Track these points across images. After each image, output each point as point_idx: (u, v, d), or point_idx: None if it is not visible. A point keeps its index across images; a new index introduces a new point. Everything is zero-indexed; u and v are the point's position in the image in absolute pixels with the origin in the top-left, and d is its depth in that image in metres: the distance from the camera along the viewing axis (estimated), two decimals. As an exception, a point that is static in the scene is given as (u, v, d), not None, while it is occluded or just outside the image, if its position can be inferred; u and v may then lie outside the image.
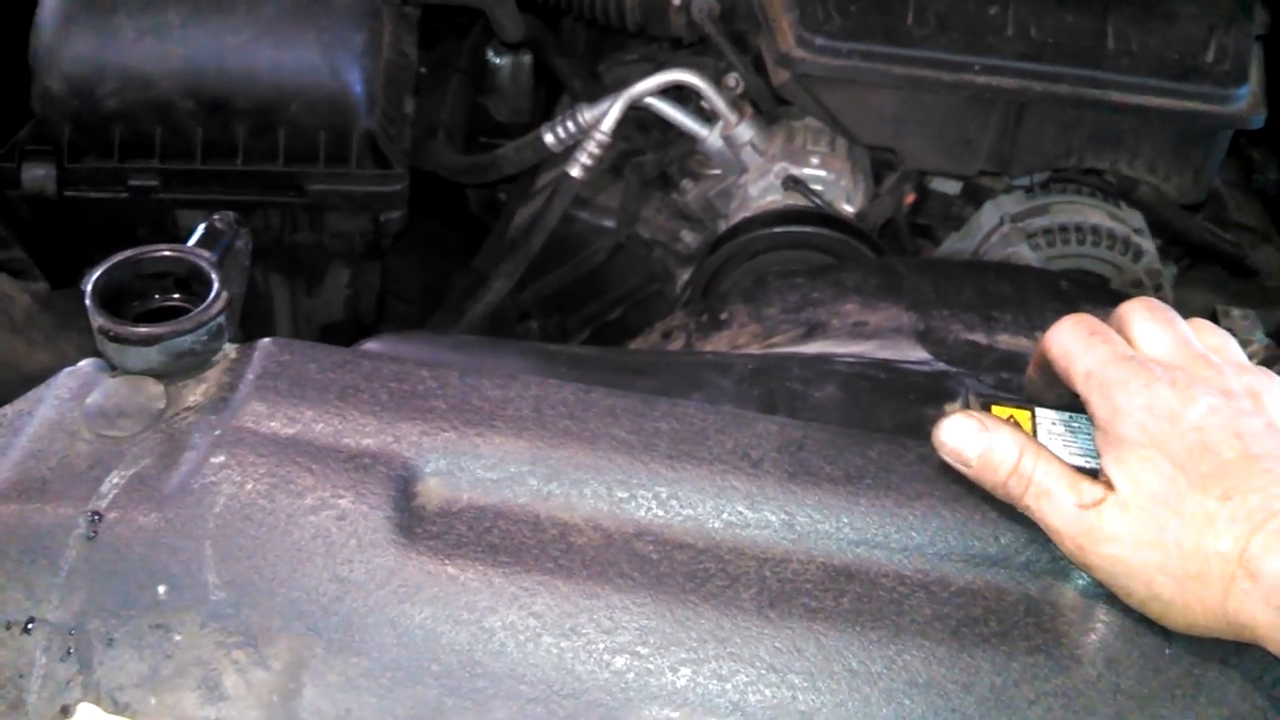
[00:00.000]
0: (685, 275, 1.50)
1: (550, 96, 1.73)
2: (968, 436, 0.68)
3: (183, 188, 1.22)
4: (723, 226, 1.43)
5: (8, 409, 0.74)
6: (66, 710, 0.63)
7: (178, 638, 0.64)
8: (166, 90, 1.17)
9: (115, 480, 0.68)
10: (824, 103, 1.29)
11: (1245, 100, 1.26)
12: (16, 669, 0.64)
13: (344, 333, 1.43)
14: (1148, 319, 0.71)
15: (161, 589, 0.65)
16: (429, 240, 1.77)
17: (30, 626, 0.64)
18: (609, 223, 1.52)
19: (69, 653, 0.64)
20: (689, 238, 1.52)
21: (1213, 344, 0.72)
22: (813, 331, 1.01)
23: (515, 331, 1.61)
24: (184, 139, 1.20)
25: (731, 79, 1.44)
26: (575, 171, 1.42)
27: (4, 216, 1.26)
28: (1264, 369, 0.70)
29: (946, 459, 0.69)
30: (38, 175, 1.18)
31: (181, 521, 0.66)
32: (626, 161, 1.53)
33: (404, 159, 1.27)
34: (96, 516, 0.66)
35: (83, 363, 0.75)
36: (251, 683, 0.63)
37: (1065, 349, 0.70)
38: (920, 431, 0.79)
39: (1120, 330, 0.72)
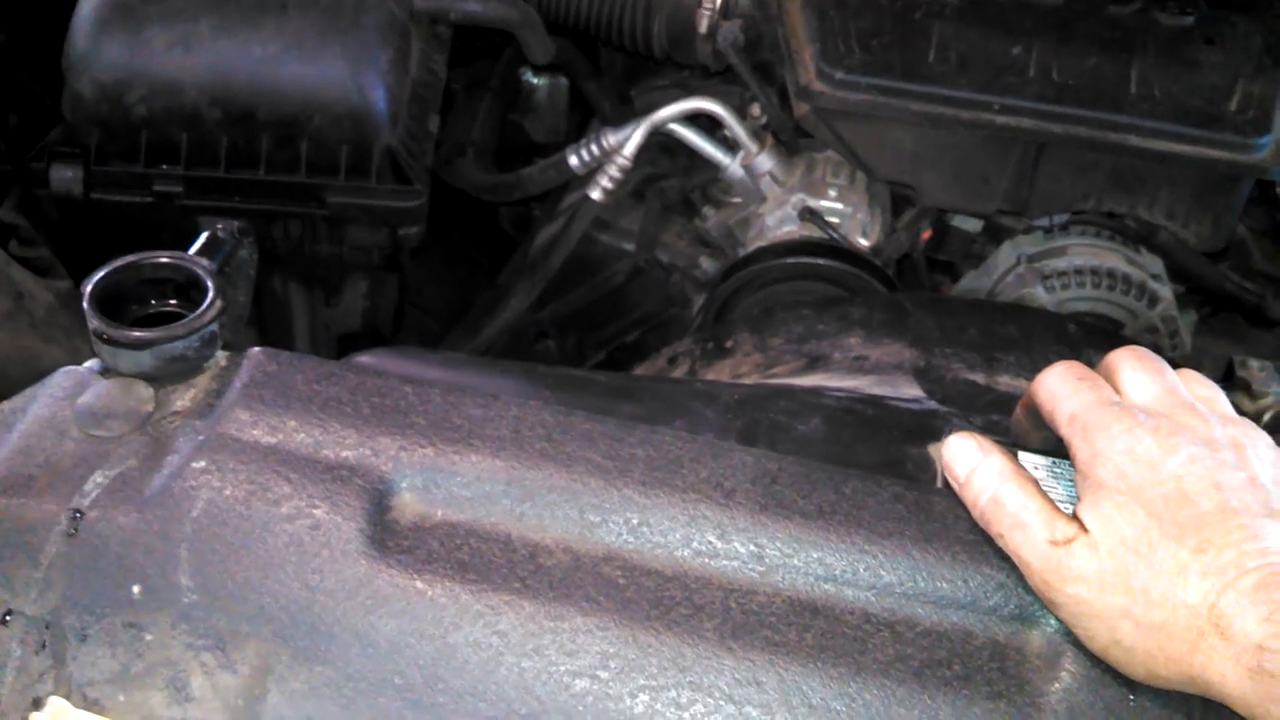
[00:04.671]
0: (702, 301, 1.50)
1: (585, 118, 1.75)
2: (963, 455, 0.70)
3: (206, 195, 1.23)
4: (741, 255, 1.44)
5: (4, 405, 0.76)
6: (38, 702, 0.64)
7: (149, 637, 0.65)
8: (193, 99, 1.19)
9: (99, 480, 0.69)
10: (842, 136, 1.30)
11: (1268, 149, 1.25)
12: (-7, 659, 0.65)
13: (361, 343, 1.44)
14: (1136, 366, 0.71)
15: (136, 588, 0.66)
16: (457, 256, 1.79)
17: (7, 618, 0.65)
18: (629, 246, 1.53)
19: (43, 646, 0.65)
20: (708, 264, 1.52)
21: (1201, 394, 0.71)
22: (814, 364, 1.01)
23: (533, 350, 1.62)
24: (209, 147, 1.22)
25: (756, 109, 1.45)
26: (595, 194, 1.43)
27: (32, 215, 1.29)
28: (1249, 422, 0.70)
29: (945, 472, 0.71)
30: (65, 177, 1.21)
31: (159, 523, 0.67)
32: (649, 185, 1.54)
33: (425, 176, 1.29)
34: (78, 514, 0.67)
35: (83, 365, 0.77)
36: (218, 685, 0.64)
37: (1052, 392, 0.71)
38: (900, 470, 0.79)
39: (1109, 377, 0.72)
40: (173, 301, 0.78)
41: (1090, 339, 1.06)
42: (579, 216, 1.44)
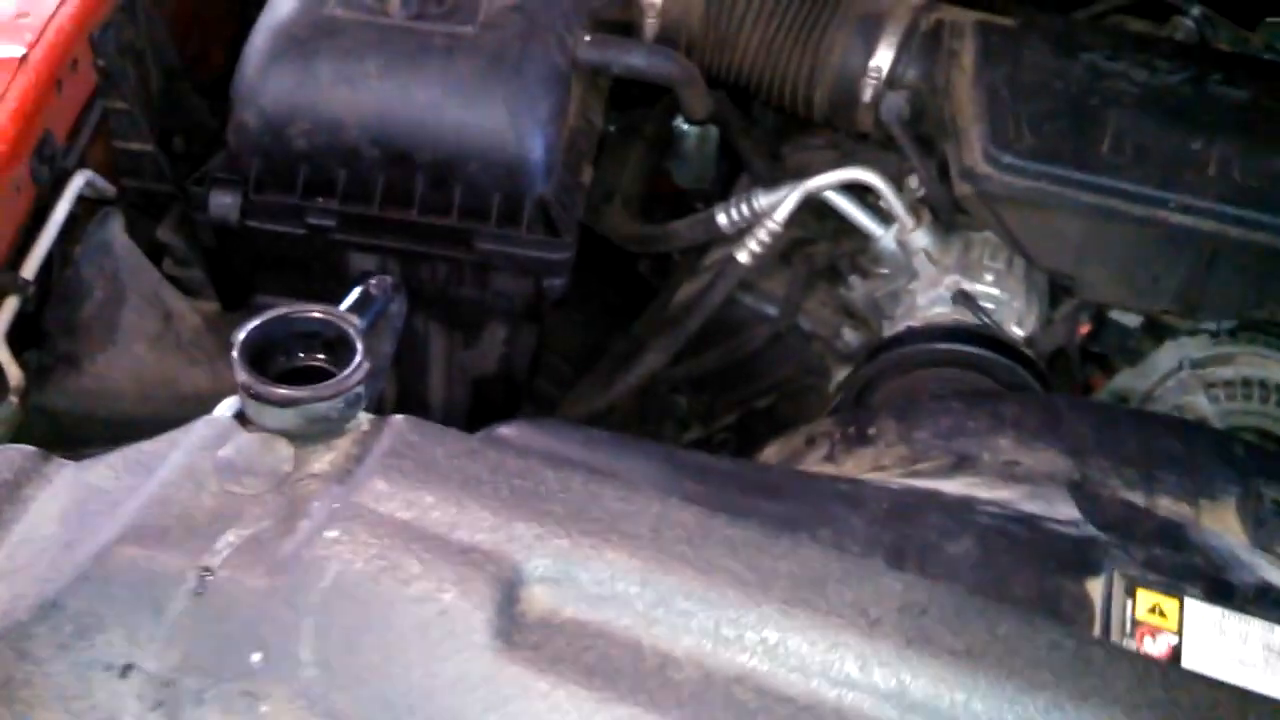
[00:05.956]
0: (841, 373, 1.46)
1: (733, 168, 1.72)
2: None
3: (357, 231, 1.23)
4: (886, 328, 1.39)
5: (145, 445, 0.76)
6: (150, 760, 0.64)
7: (264, 708, 0.64)
8: (354, 136, 1.20)
9: (231, 539, 0.69)
10: (1005, 221, 1.25)
11: None
12: (109, 712, 0.64)
13: (495, 388, 1.43)
14: None
15: (257, 656, 0.65)
16: (593, 299, 1.78)
17: (127, 672, 0.65)
18: (770, 309, 1.50)
19: (160, 704, 0.64)
20: (850, 335, 1.48)
21: None
22: (961, 464, 0.97)
23: (663, 405, 1.60)
24: (365, 184, 1.22)
25: (913, 181, 1.41)
26: (743, 257, 1.40)
27: (188, 237, 1.31)
28: None
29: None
30: (223, 203, 1.22)
31: (287, 590, 0.66)
32: (797, 250, 1.51)
33: (574, 228, 1.27)
34: (207, 572, 0.67)
35: (221, 408, 0.77)
36: (331, 767, 0.63)
37: None
38: (1055, 606, 0.74)
39: None
40: (320, 356, 0.77)
41: (1260, 464, 1.00)
42: (723, 278, 1.42)
